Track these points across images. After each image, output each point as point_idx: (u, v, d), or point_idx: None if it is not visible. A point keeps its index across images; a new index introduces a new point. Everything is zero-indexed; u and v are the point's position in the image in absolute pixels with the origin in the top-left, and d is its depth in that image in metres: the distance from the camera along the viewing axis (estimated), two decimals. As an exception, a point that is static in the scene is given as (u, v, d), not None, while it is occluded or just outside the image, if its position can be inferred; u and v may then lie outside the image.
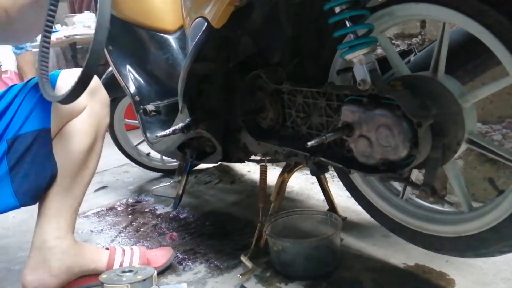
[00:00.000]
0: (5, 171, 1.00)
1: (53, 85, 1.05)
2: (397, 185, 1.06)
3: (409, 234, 1.01)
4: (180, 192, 1.55)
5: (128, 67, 1.56)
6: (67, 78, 1.09)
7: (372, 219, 1.11)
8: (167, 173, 2.16)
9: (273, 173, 1.47)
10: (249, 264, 1.16)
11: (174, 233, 1.46)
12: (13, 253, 1.43)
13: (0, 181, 0.99)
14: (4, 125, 1.02)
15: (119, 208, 1.77)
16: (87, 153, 1.10)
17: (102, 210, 1.76)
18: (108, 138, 1.46)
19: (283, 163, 1.29)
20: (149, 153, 2.10)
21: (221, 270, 1.20)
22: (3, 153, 1.00)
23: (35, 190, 1.03)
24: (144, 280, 0.94)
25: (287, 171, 1.25)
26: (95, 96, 1.13)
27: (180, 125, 1.25)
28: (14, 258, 1.39)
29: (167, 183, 1.86)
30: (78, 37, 3.29)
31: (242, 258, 1.19)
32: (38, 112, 1.04)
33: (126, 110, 2.04)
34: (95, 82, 1.15)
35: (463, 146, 0.84)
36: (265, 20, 1.03)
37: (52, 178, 1.05)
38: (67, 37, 3.28)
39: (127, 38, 1.59)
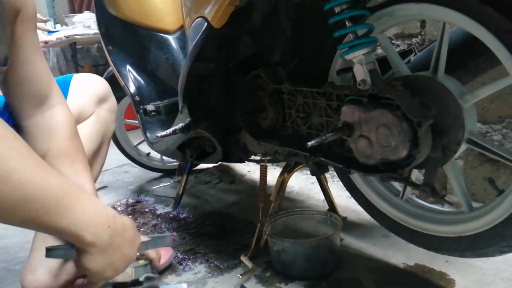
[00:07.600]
0: None
1: (66, 90, 1.05)
2: (397, 185, 1.06)
3: (409, 234, 1.01)
4: (180, 192, 1.55)
5: (128, 67, 1.56)
6: (80, 84, 1.11)
7: (372, 219, 1.11)
8: (167, 173, 2.16)
9: (273, 173, 1.47)
10: (249, 264, 1.16)
11: (174, 233, 1.46)
12: (13, 253, 1.43)
13: None
14: None
15: (119, 208, 1.77)
16: (91, 158, 1.11)
17: (102, 210, 1.76)
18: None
19: (283, 163, 1.29)
20: (149, 153, 2.09)
21: (221, 270, 1.20)
22: None
23: None
24: (146, 265, 0.99)
25: (287, 171, 1.25)
26: (104, 104, 1.16)
27: (180, 125, 1.25)
28: (14, 258, 1.39)
29: (167, 183, 1.85)
30: (78, 37, 3.29)
31: (242, 258, 1.19)
32: None
33: (126, 110, 2.04)
34: (105, 89, 1.17)
35: (463, 146, 0.84)
36: (265, 20, 1.03)
37: None
38: (67, 37, 3.28)
39: (127, 38, 1.59)
